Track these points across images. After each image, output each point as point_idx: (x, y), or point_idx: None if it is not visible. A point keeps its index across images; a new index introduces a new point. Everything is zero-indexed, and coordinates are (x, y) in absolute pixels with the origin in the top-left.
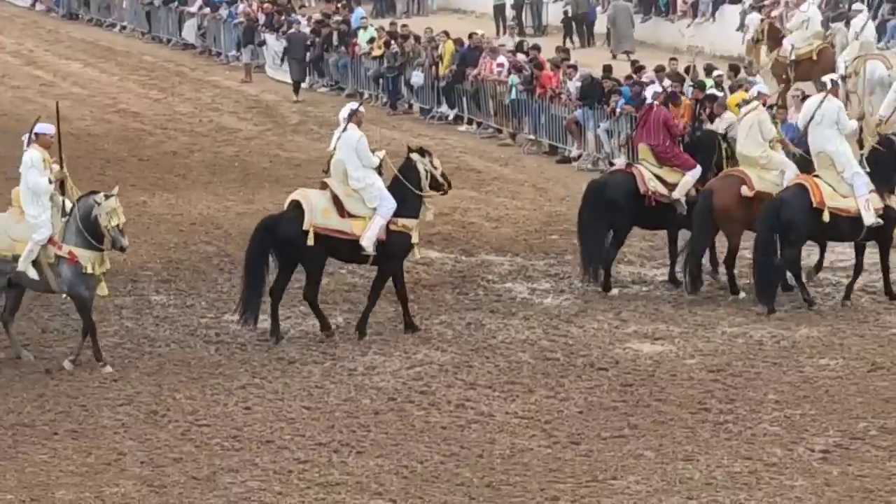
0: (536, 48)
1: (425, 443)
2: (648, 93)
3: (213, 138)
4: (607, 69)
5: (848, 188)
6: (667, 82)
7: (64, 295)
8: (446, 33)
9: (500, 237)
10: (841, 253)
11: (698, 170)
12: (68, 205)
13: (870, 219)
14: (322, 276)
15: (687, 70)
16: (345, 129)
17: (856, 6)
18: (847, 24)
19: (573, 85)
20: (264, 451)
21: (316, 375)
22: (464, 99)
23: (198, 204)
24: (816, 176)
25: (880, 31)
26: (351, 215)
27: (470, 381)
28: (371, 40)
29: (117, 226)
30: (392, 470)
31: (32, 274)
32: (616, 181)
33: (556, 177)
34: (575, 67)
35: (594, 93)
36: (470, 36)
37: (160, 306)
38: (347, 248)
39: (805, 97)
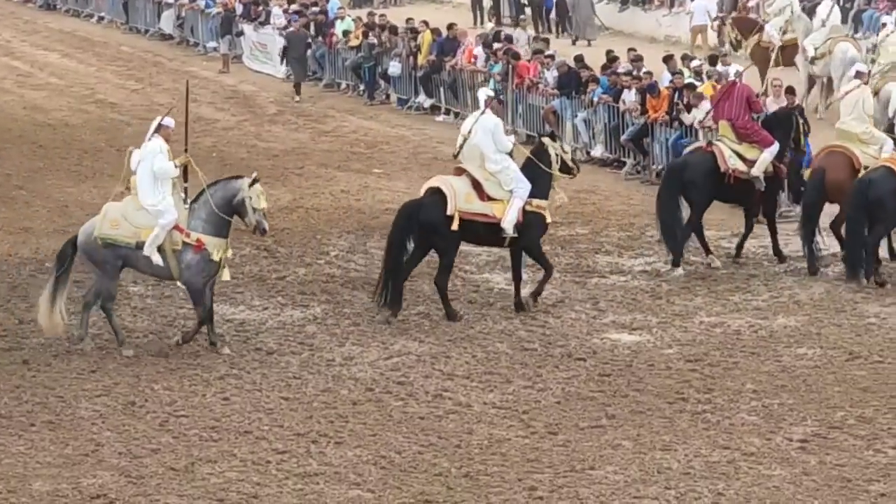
0: (509, 38)
1: (403, 433)
2: (731, 70)
3: (191, 129)
4: (579, 59)
5: None
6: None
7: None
8: (425, 23)
9: None
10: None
11: (776, 146)
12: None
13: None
14: (454, 262)
15: (666, 59)
16: (482, 113)
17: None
18: (810, 12)
19: (551, 75)
20: (242, 441)
21: (294, 366)
22: (441, 89)
23: None
24: None
25: (856, 20)
26: (490, 198)
27: (448, 371)
28: (346, 32)
29: (262, 210)
30: (370, 460)
31: (157, 259)
32: (696, 161)
33: None
34: (552, 57)
35: (572, 82)
36: (449, 27)
37: (138, 297)
38: (487, 232)
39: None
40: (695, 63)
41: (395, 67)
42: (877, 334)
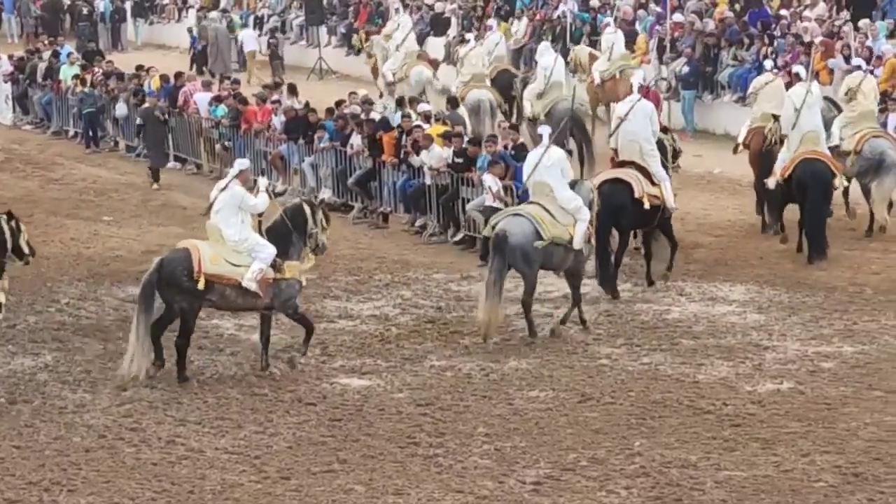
0: (237, 82)
1: (136, 479)
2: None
3: None
4: (307, 104)
5: None
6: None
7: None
8: (155, 69)
9: None
10: (550, 284)
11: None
12: None
13: (838, 183)
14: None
15: (399, 102)
16: (639, 100)
17: (402, 20)
18: (386, 38)
19: (278, 120)
20: None
21: (25, 414)
22: (171, 135)
23: None
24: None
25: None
26: (654, 184)
27: (180, 417)
28: (76, 76)
29: None
30: None
31: (586, 251)
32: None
33: None
34: (279, 102)
35: (299, 127)
36: (177, 76)
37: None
38: (647, 214)
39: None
40: (423, 107)
41: (121, 109)
42: (608, 375)
